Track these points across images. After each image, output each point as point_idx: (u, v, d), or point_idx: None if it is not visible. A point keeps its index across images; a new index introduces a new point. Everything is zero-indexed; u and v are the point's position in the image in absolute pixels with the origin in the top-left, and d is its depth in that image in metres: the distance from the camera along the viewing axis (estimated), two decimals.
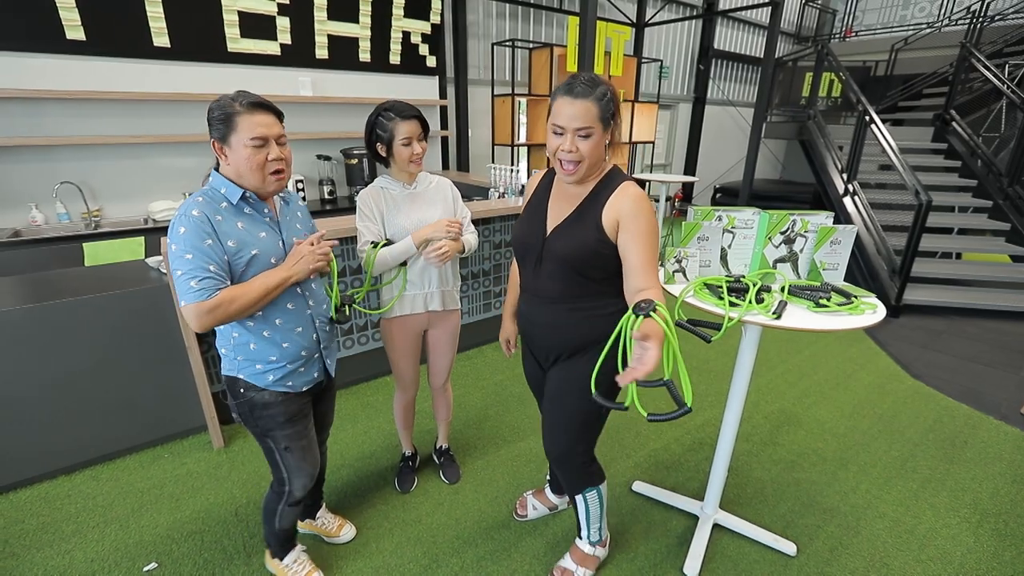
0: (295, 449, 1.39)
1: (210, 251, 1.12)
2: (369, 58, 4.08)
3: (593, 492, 1.51)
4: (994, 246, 4.54)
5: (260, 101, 1.17)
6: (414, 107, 1.54)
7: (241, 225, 1.20)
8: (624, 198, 1.21)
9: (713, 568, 1.70)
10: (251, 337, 1.27)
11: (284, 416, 1.34)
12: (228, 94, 1.17)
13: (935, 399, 2.77)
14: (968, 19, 6.83)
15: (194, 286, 1.09)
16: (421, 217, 1.62)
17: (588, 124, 1.15)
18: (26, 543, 1.74)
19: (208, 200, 1.17)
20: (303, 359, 1.35)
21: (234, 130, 1.14)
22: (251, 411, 1.32)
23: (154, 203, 3.25)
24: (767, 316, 1.32)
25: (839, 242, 1.55)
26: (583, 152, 1.18)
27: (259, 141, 1.15)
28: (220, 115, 1.13)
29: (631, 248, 1.20)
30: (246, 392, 1.31)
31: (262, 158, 1.17)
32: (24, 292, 1.97)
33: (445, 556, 1.73)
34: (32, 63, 2.85)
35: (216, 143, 1.17)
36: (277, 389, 1.32)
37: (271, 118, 1.18)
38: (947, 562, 1.73)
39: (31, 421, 1.94)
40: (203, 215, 1.13)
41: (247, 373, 1.30)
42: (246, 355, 1.29)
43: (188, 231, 1.11)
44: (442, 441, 2.13)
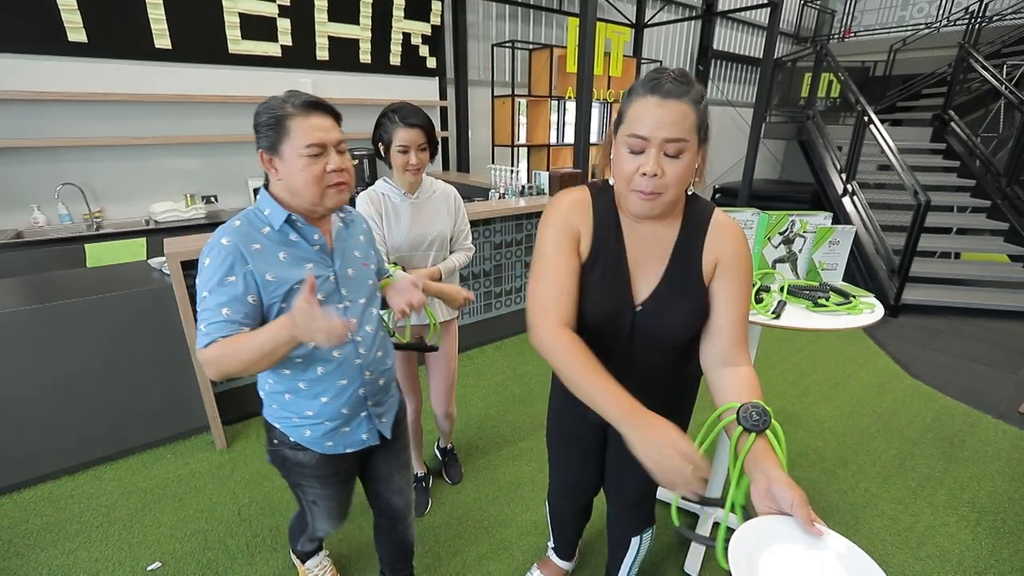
0: (323, 507, 1.24)
1: (230, 290, 0.94)
2: (369, 59, 4.09)
3: (649, 531, 1.34)
4: (992, 246, 4.56)
5: (316, 100, 0.98)
6: (421, 114, 1.45)
7: (284, 255, 1.00)
8: (725, 236, 0.91)
9: (713, 567, 1.71)
10: (286, 386, 1.08)
11: (318, 479, 1.18)
12: (277, 95, 0.98)
13: (934, 398, 2.79)
14: (966, 20, 6.85)
15: (202, 329, 0.93)
16: (421, 231, 1.56)
17: (681, 135, 0.80)
18: (30, 543, 1.76)
19: (247, 224, 0.98)
20: (344, 417, 1.13)
21: (286, 136, 0.95)
22: (283, 463, 1.17)
23: (156, 204, 3.26)
24: (766, 316, 1.34)
25: (837, 242, 1.56)
26: (670, 178, 0.82)
27: (316, 149, 0.96)
28: (269, 119, 0.95)
29: (725, 302, 0.91)
30: (280, 444, 1.14)
31: (319, 170, 0.97)
32: (27, 293, 1.98)
33: (447, 555, 1.74)
34: (34, 65, 2.86)
35: (264, 154, 0.98)
36: (315, 449, 1.13)
37: (329, 120, 0.99)
38: (945, 560, 1.74)
39: (34, 422, 1.95)
40: (233, 245, 0.95)
41: (283, 425, 1.12)
42: (281, 405, 1.11)
43: (211, 264, 0.94)
44: (445, 442, 2.12)
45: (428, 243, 1.59)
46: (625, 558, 1.35)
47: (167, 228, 3.15)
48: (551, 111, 5.14)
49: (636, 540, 1.32)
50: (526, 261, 3.35)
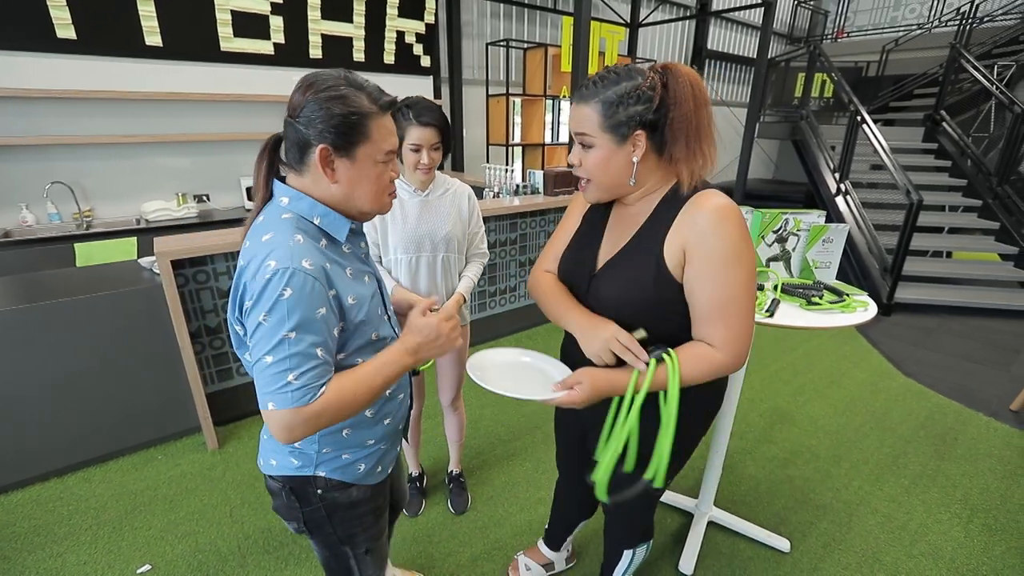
0: (376, 550, 1.08)
1: (323, 326, 0.77)
2: (363, 58, 4.07)
3: (644, 547, 1.32)
4: (984, 245, 4.60)
5: (393, 99, 0.84)
6: (436, 112, 1.39)
7: (350, 272, 0.85)
8: (697, 213, 0.86)
9: (708, 565, 1.71)
10: (349, 422, 0.91)
11: (373, 514, 1.03)
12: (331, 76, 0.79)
13: (926, 396, 2.80)
14: (957, 21, 6.90)
15: (293, 382, 0.73)
16: (428, 229, 1.51)
17: (583, 130, 0.90)
18: (17, 546, 1.73)
19: (309, 241, 0.78)
20: (396, 434, 1.04)
21: (367, 139, 0.79)
22: (331, 516, 0.97)
23: (147, 203, 3.23)
24: (760, 314, 1.34)
25: (831, 240, 1.56)
26: (586, 167, 0.92)
27: (392, 156, 0.85)
28: (348, 114, 0.77)
29: (697, 285, 0.87)
30: (326, 493, 0.94)
31: (388, 178, 0.86)
32: (15, 293, 1.96)
33: (440, 555, 1.73)
34: (21, 62, 2.82)
35: (326, 152, 0.78)
36: (367, 482, 0.98)
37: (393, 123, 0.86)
38: (938, 557, 1.75)
39: (22, 423, 1.92)
40: (317, 267, 0.76)
41: (330, 468, 0.92)
42: (336, 445, 0.92)
43: (295, 295, 0.73)
44: (453, 465, 2.00)
45: (435, 244, 1.53)
46: (617, 567, 1.36)
47: (158, 227, 3.12)
48: (546, 110, 5.13)
49: (628, 553, 1.32)
50: (521, 260, 3.34)
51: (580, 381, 0.91)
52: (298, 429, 0.76)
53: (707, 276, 0.86)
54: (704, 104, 0.87)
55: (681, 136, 0.86)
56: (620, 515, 1.27)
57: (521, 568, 1.65)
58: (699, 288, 0.87)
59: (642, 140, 0.88)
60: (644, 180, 0.93)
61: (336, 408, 0.78)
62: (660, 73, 0.87)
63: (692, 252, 0.86)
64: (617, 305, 0.95)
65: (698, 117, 0.86)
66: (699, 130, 0.87)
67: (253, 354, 0.76)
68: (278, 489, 0.95)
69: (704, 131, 0.87)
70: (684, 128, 0.86)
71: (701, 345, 0.90)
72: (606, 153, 0.89)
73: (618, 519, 1.29)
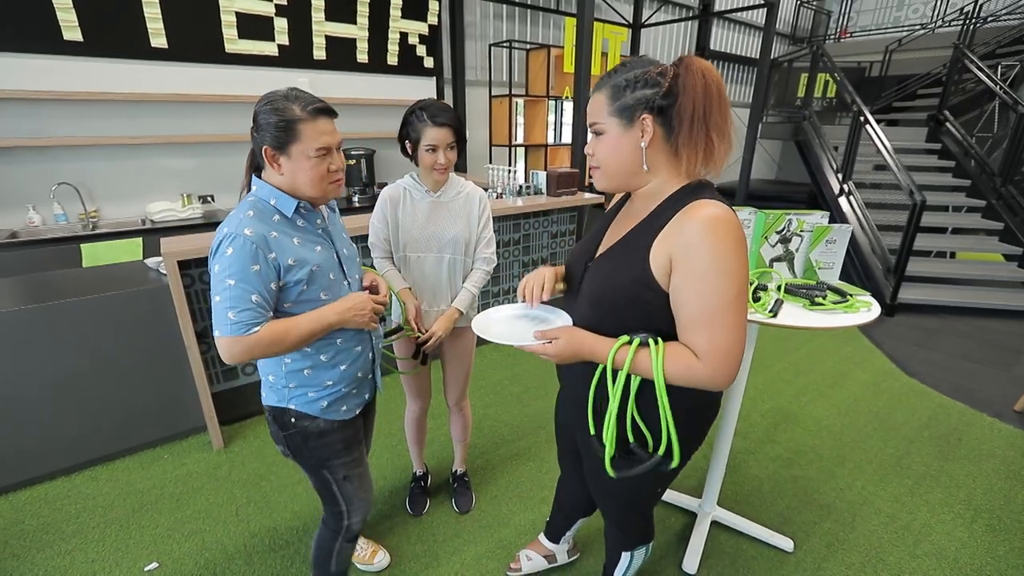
0: (354, 477, 1.29)
1: (256, 278, 0.99)
2: (367, 59, 4.08)
3: (642, 549, 1.33)
4: (987, 245, 4.59)
5: (324, 106, 1.04)
6: (451, 113, 1.43)
7: (297, 240, 1.07)
8: (687, 223, 0.84)
9: (711, 564, 1.71)
10: (307, 362, 1.15)
11: (342, 443, 1.24)
12: (279, 92, 1.02)
13: (929, 397, 2.80)
14: (961, 20, 6.89)
15: (231, 318, 0.97)
16: (436, 231, 1.53)
17: (594, 118, 0.93)
18: (26, 544, 1.75)
19: (259, 214, 1.03)
20: (359, 380, 1.24)
21: (297, 140, 1.00)
22: (304, 442, 1.20)
23: (152, 204, 3.25)
24: (764, 314, 1.34)
25: (834, 241, 1.57)
26: (598, 156, 0.95)
27: (324, 152, 1.03)
28: (280, 122, 0.99)
29: (681, 294, 0.85)
30: (298, 422, 1.18)
31: (324, 169, 1.04)
32: (23, 293, 1.97)
33: (445, 554, 1.74)
34: (29, 64, 2.85)
35: (269, 151, 1.02)
36: (331, 417, 1.21)
37: (332, 123, 1.05)
38: (942, 557, 1.75)
39: (30, 422, 1.94)
40: (257, 234, 0.99)
41: (299, 402, 1.17)
42: (300, 381, 1.16)
43: (236, 253, 0.98)
44: (457, 465, 2.01)
45: (441, 245, 1.54)
46: (616, 568, 1.37)
47: (164, 228, 3.13)
48: (548, 111, 5.14)
49: (627, 555, 1.33)
50: (524, 261, 3.35)
51: (559, 336, 0.94)
52: (237, 355, 1.00)
53: (690, 287, 0.84)
54: (717, 95, 0.85)
55: (686, 121, 0.85)
56: (616, 517, 1.27)
57: (522, 559, 1.68)
58: (683, 298, 0.86)
59: (649, 124, 0.88)
60: (655, 169, 0.92)
61: (267, 343, 1.01)
62: (676, 64, 0.87)
63: (677, 262, 0.85)
64: (594, 298, 0.97)
65: (708, 104, 0.85)
66: (707, 117, 0.85)
67: (211, 295, 1.01)
68: (268, 418, 1.22)
69: (713, 119, 0.86)
70: (690, 113, 0.85)
71: (685, 349, 0.87)
72: (614, 137, 0.91)
73: (615, 521, 1.28)
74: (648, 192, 0.95)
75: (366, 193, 4.15)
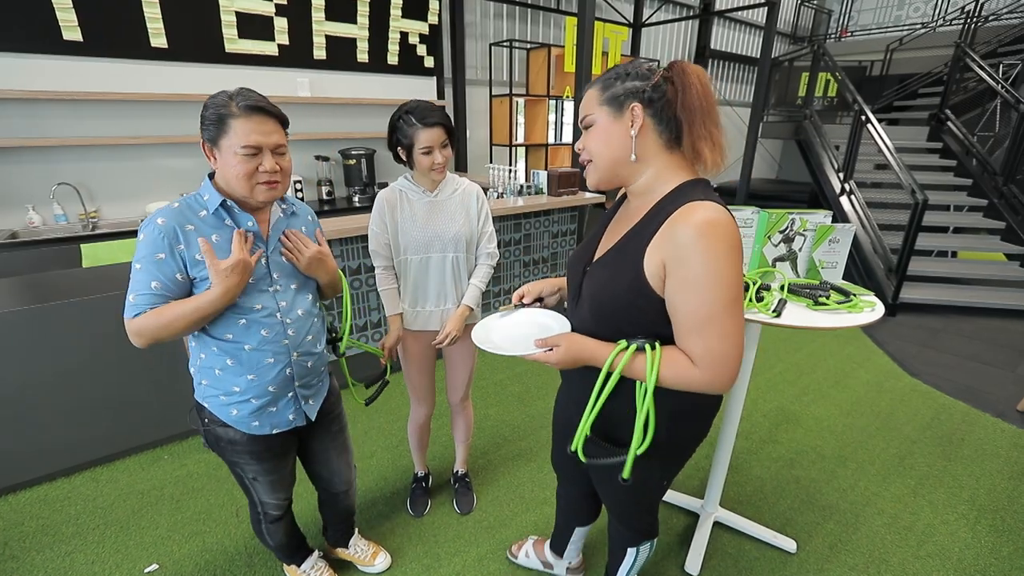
0: (264, 482, 1.30)
1: (158, 266, 1.01)
2: (367, 59, 4.08)
3: (647, 545, 1.32)
4: (989, 244, 4.57)
5: (259, 104, 1.02)
6: (438, 111, 1.41)
7: (216, 237, 1.06)
8: (679, 227, 0.83)
9: (714, 565, 1.70)
10: (216, 362, 1.13)
11: (251, 455, 1.23)
12: (227, 90, 1.03)
13: (932, 396, 2.79)
14: (962, 19, 6.87)
15: (131, 300, 1.01)
16: (437, 230, 1.52)
17: (585, 111, 0.94)
18: (26, 545, 1.74)
19: (184, 207, 1.05)
20: (272, 395, 1.18)
21: (225, 133, 1.00)
22: (216, 442, 1.22)
23: (152, 204, 3.24)
24: (767, 314, 1.33)
25: (837, 240, 1.56)
26: (588, 147, 0.95)
27: (251, 150, 1.01)
28: (213, 115, 1.00)
29: (676, 301, 0.85)
30: (210, 423, 1.19)
31: (252, 168, 1.03)
32: (23, 293, 1.97)
33: (446, 555, 1.73)
34: (29, 63, 2.84)
35: (205, 144, 1.04)
36: (241, 429, 1.18)
37: (271, 124, 1.04)
38: (945, 558, 1.74)
39: (30, 423, 1.93)
40: (168, 224, 1.02)
41: (211, 404, 1.17)
42: (211, 381, 1.16)
43: (144, 240, 1.01)
44: (459, 465, 2.00)
45: (444, 244, 1.53)
46: (621, 566, 1.36)
47: None
48: (549, 110, 5.13)
49: (632, 551, 1.32)
50: (525, 261, 3.35)
51: (559, 344, 0.95)
52: (133, 337, 1.03)
53: (684, 294, 0.84)
54: (710, 93, 0.88)
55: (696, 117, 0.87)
56: (621, 512, 1.27)
57: (522, 552, 1.70)
58: (677, 304, 0.85)
59: (639, 112, 0.88)
60: (645, 160, 0.91)
61: (155, 326, 1.01)
62: (667, 68, 0.90)
63: (671, 267, 0.84)
64: (594, 303, 0.97)
65: (707, 103, 0.87)
66: (710, 113, 0.87)
67: None
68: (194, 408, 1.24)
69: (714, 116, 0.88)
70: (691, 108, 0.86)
71: (681, 355, 0.88)
72: (604, 126, 0.91)
73: (619, 517, 1.28)
74: (642, 189, 0.94)
75: (366, 193, 4.14)
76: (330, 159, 3.98)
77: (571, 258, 1.12)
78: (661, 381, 0.88)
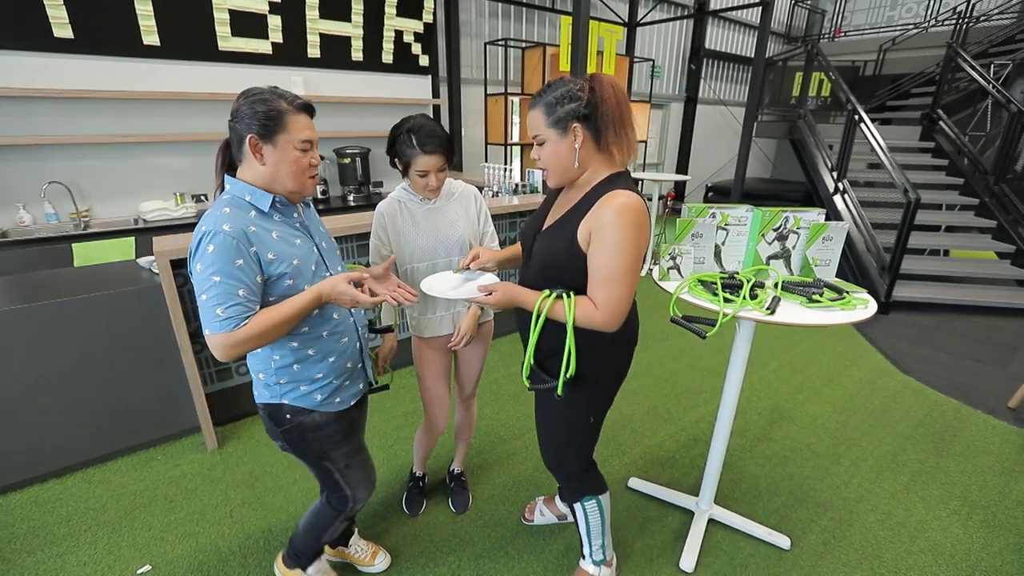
0: (355, 465, 1.33)
1: (240, 273, 1.00)
2: (361, 57, 4.07)
3: (592, 502, 1.46)
4: (980, 243, 4.62)
5: (309, 103, 1.09)
6: (439, 136, 1.39)
7: (276, 234, 1.08)
8: (604, 208, 1.08)
9: (709, 563, 1.71)
10: (294, 357, 1.16)
11: (340, 434, 1.27)
12: (262, 88, 1.05)
13: (924, 394, 2.81)
14: (954, 20, 6.93)
15: (220, 314, 0.98)
16: (439, 236, 1.51)
17: (536, 131, 1.15)
18: (16, 547, 1.72)
19: (236, 210, 1.03)
20: (348, 371, 1.26)
21: (284, 130, 1.03)
22: (302, 436, 1.22)
23: (144, 203, 3.22)
24: (761, 312, 1.34)
25: (831, 238, 1.57)
26: (543, 160, 1.17)
27: (308, 145, 1.08)
28: (268, 111, 1.02)
29: (593, 260, 1.11)
30: (294, 417, 1.20)
31: (307, 162, 1.09)
32: (14, 292, 1.95)
33: (442, 554, 1.72)
34: (18, 61, 2.81)
35: (254, 139, 1.03)
36: (327, 409, 1.23)
37: (311, 121, 1.11)
38: (938, 553, 1.76)
39: (21, 423, 1.91)
40: (236, 229, 1.00)
41: (292, 397, 1.19)
42: (290, 376, 1.17)
43: (217, 250, 0.98)
44: (456, 464, 2.00)
45: (448, 249, 1.53)
46: (579, 527, 1.53)
47: (156, 227, 3.11)
48: None
49: (579, 508, 1.48)
50: None
51: (497, 289, 1.18)
52: (230, 350, 1.00)
53: (599, 256, 1.10)
54: (624, 100, 1.11)
55: (610, 124, 1.11)
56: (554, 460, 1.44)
57: (536, 512, 1.86)
58: (593, 263, 1.12)
59: (580, 130, 1.11)
60: (586, 164, 1.16)
61: (257, 334, 1.01)
62: (588, 80, 1.11)
63: (594, 235, 1.10)
64: (542, 261, 1.23)
65: (620, 110, 1.10)
66: (623, 119, 1.11)
67: (196, 294, 1.00)
68: (263, 416, 1.23)
69: (627, 120, 1.12)
70: (611, 118, 1.10)
71: (589, 301, 1.13)
72: (554, 145, 1.14)
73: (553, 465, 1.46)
74: (580, 183, 1.19)
75: (361, 192, 4.13)
76: (325, 158, 3.97)
77: (524, 228, 1.37)
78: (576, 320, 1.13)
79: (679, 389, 2.81)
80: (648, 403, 2.65)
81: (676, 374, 2.97)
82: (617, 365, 1.32)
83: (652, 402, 2.67)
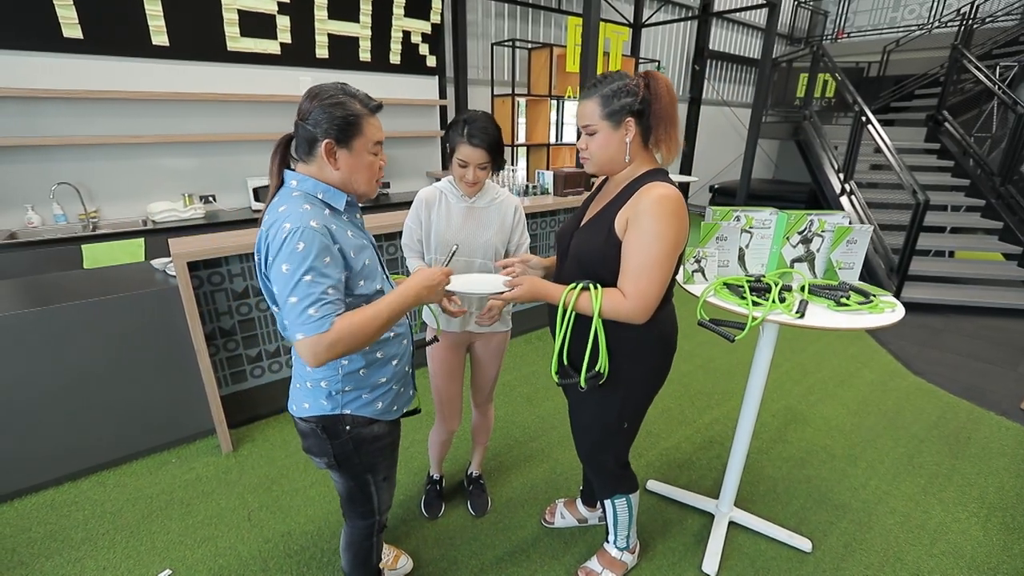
0: (391, 477, 1.29)
1: (330, 271, 0.95)
2: (369, 57, 4.06)
3: (623, 499, 1.49)
4: (987, 244, 4.62)
5: (381, 104, 1.06)
6: (489, 133, 1.40)
7: (350, 233, 1.04)
8: (642, 197, 1.11)
9: (731, 566, 1.70)
10: (364, 361, 1.11)
11: (391, 446, 1.23)
12: (333, 87, 1.01)
13: (937, 396, 2.81)
14: (958, 21, 6.94)
15: (313, 314, 0.90)
16: (469, 236, 1.52)
17: (587, 121, 1.16)
18: (34, 551, 1.71)
19: (313, 208, 0.98)
20: (405, 376, 1.22)
21: (360, 134, 1.01)
22: (356, 449, 1.15)
23: (153, 204, 3.20)
24: (790, 315, 1.33)
25: (855, 241, 1.56)
26: (591, 150, 1.19)
27: (379, 147, 1.06)
28: (346, 116, 0.98)
29: (627, 249, 1.12)
30: (353, 428, 1.13)
31: (378, 165, 1.08)
32: (27, 295, 1.93)
33: (464, 557, 1.72)
34: (28, 61, 2.80)
35: (330, 144, 0.99)
36: (386, 418, 1.18)
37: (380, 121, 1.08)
38: (959, 556, 1.76)
39: (36, 427, 1.90)
40: (322, 226, 0.95)
41: (355, 407, 1.12)
42: (356, 383, 1.11)
43: (307, 247, 0.92)
44: (473, 468, 1.99)
45: (472, 249, 1.53)
46: (608, 519, 1.56)
47: (165, 228, 3.09)
48: (550, 110, 5.13)
49: (609, 504, 1.52)
50: None
51: (522, 283, 1.20)
52: (322, 354, 0.92)
53: (634, 244, 1.12)
54: (675, 101, 1.14)
55: (661, 122, 1.14)
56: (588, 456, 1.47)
57: (557, 514, 1.86)
58: (628, 251, 1.13)
59: (632, 125, 1.14)
60: (632, 159, 1.19)
61: (349, 335, 0.93)
62: (643, 77, 1.13)
63: (631, 224, 1.12)
64: (578, 253, 1.24)
65: (671, 110, 1.13)
66: (672, 119, 1.14)
67: (279, 298, 0.94)
68: (310, 429, 1.13)
69: (676, 120, 1.15)
70: (662, 116, 1.13)
71: (618, 292, 1.15)
72: (606, 136, 1.16)
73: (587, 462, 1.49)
74: (622, 177, 1.21)
75: None
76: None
77: (561, 228, 1.38)
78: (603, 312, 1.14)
79: (692, 391, 2.80)
80: (662, 405, 2.65)
81: (688, 376, 2.96)
82: (651, 367, 1.31)
83: (666, 404, 2.66)
